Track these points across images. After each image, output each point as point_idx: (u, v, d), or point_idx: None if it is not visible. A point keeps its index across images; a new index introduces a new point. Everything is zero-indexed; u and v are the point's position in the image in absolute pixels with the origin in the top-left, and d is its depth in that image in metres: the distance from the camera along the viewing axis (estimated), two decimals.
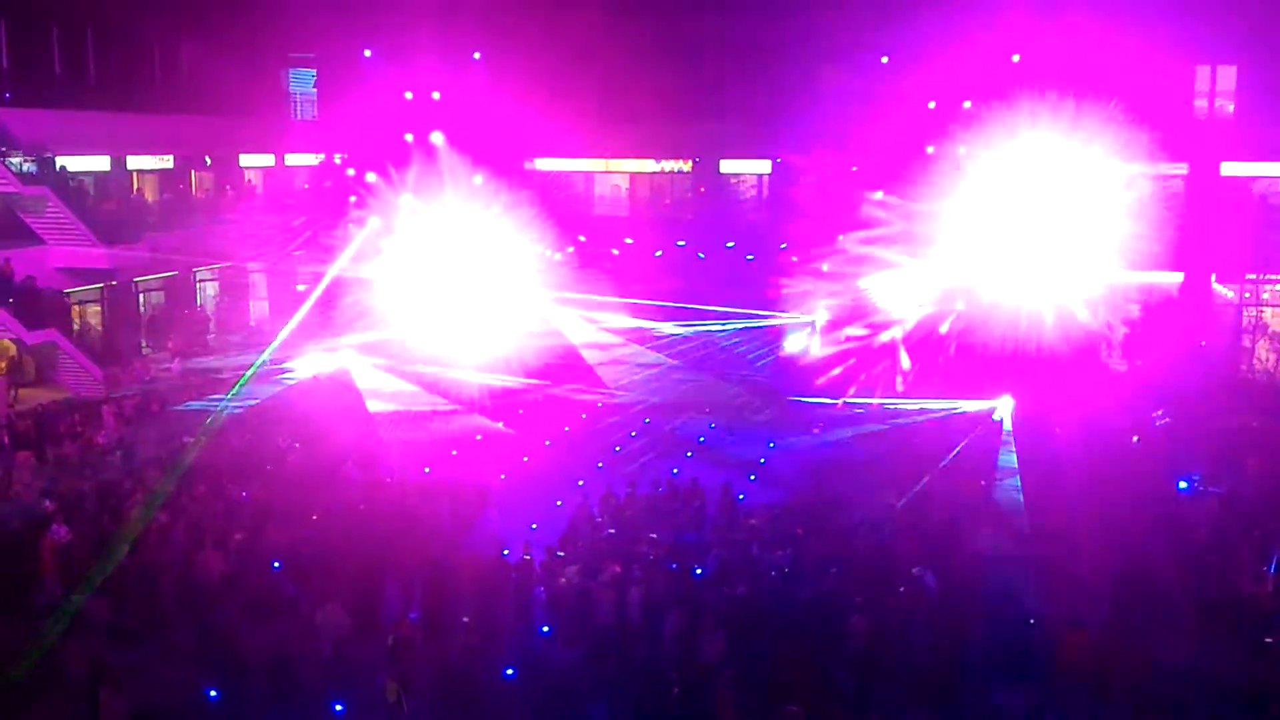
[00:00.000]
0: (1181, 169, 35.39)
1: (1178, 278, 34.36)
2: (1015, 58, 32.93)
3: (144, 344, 33.81)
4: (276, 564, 19.58)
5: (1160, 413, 27.00)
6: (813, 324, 33.39)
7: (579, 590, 18.86)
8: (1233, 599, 18.71)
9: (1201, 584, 19.06)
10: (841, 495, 23.36)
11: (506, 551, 20.09)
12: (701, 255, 35.36)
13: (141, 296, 34.92)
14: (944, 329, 30.55)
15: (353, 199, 33.58)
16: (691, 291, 33.27)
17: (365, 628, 18.03)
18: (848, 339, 31.84)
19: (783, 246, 33.53)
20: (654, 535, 20.92)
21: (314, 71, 40.18)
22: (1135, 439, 26.25)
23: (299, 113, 40.85)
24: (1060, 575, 19.33)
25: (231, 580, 19.18)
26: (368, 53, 35.75)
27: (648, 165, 40.04)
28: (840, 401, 29.42)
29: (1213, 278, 34.65)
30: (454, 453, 26.29)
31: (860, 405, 29.24)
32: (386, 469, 24.76)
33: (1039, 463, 24.28)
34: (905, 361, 30.65)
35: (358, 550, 19.44)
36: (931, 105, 33.26)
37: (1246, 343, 32.48)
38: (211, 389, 29.45)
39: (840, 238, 32.16)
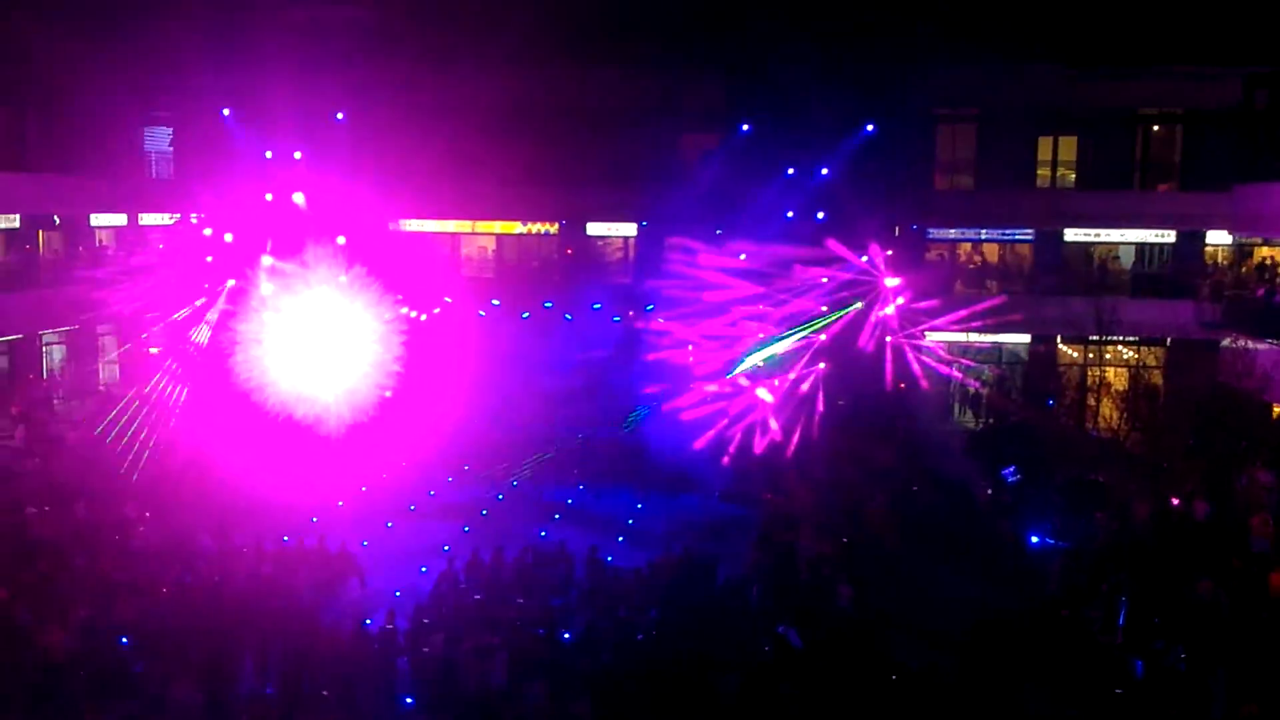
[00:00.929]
0: (1028, 234, 37.13)
1: (1025, 339, 35.85)
2: (870, 127, 34.10)
3: None
4: (124, 640, 18.77)
5: (1012, 469, 27.90)
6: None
7: (444, 659, 18.53)
8: (1084, 650, 19.32)
9: (1054, 636, 19.65)
10: (709, 555, 23.47)
11: (369, 621, 19.64)
12: (569, 317, 35.45)
13: None
14: (807, 389, 31.09)
15: (209, 259, 32.74)
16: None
17: (218, 705, 17.35)
18: (712, 400, 32.10)
19: (649, 308, 33.83)
20: (521, 600, 20.73)
21: (170, 130, 39.26)
22: (989, 493, 27.15)
23: (154, 172, 39.81)
24: (920, 630, 19.72)
25: (77, 658, 18.29)
26: (226, 111, 35.13)
27: (514, 227, 40.10)
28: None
29: (1058, 339, 36.19)
30: (314, 519, 25.65)
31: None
32: (242, 537, 23.98)
33: (898, 520, 24.87)
34: (772, 423, 31.01)
35: (211, 623, 18.77)
36: (790, 172, 34.14)
37: (1091, 401, 33.85)
38: (58, 456, 28.25)
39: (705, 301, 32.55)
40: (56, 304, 33.94)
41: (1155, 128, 37.50)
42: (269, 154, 34.02)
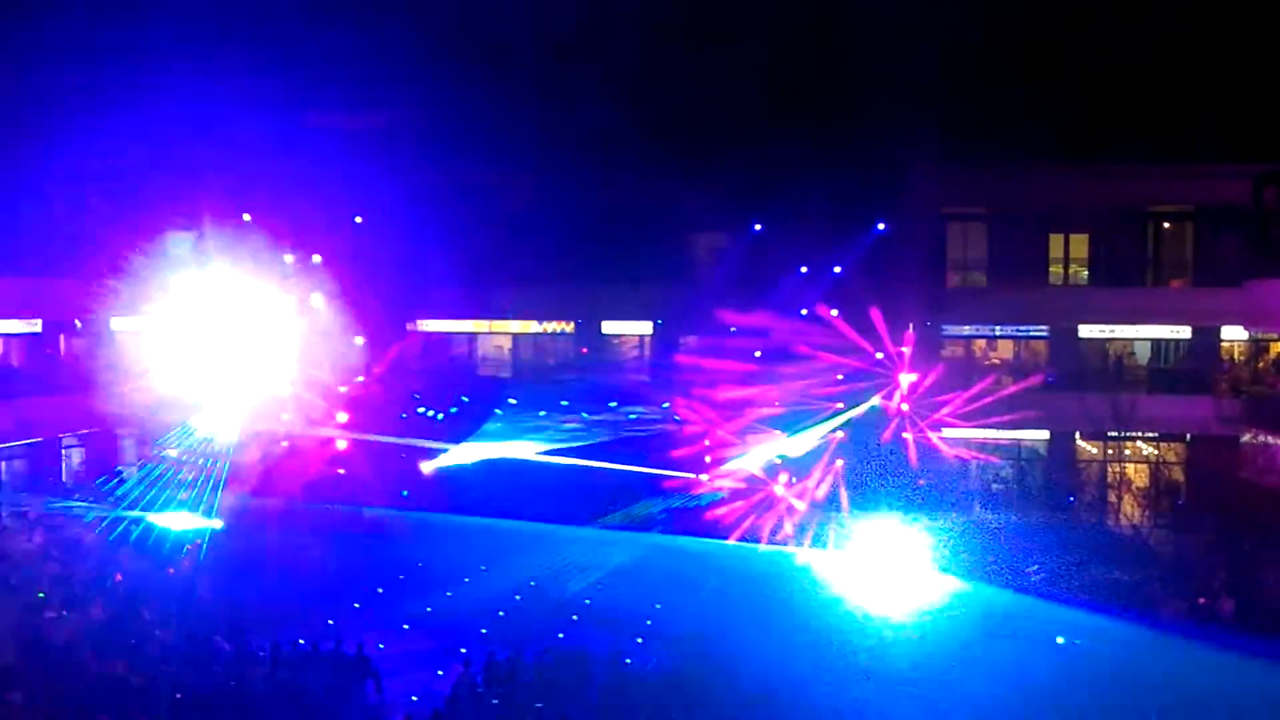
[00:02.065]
0: (1043, 331, 37.23)
1: (1044, 435, 35.71)
2: (881, 226, 34.51)
3: (3, 514, 32.25)
4: None
5: (1035, 567, 27.62)
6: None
7: None
8: None
9: None
10: (730, 654, 23.09)
11: None
12: (585, 415, 35.54)
13: (3, 464, 33.50)
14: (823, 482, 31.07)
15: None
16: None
17: None
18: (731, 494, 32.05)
19: (664, 405, 33.95)
20: (539, 705, 20.43)
21: (192, 234, 39.74)
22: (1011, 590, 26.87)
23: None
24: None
25: None
26: (247, 216, 35.67)
27: (531, 326, 40.44)
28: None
29: (1077, 435, 36.04)
30: (330, 621, 25.41)
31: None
32: (258, 639, 23.74)
33: (920, 618, 24.62)
34: (787, 524, 30.86)
35: None
36: (804, 270, 34.48)
37: (1113, 498, 33.63)
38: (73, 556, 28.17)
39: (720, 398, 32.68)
40: (77, 408, 34.12)
41: (1166, 224, 37.80)
42: (289, 258, 34.49)
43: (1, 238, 33.13)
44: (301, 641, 23.86)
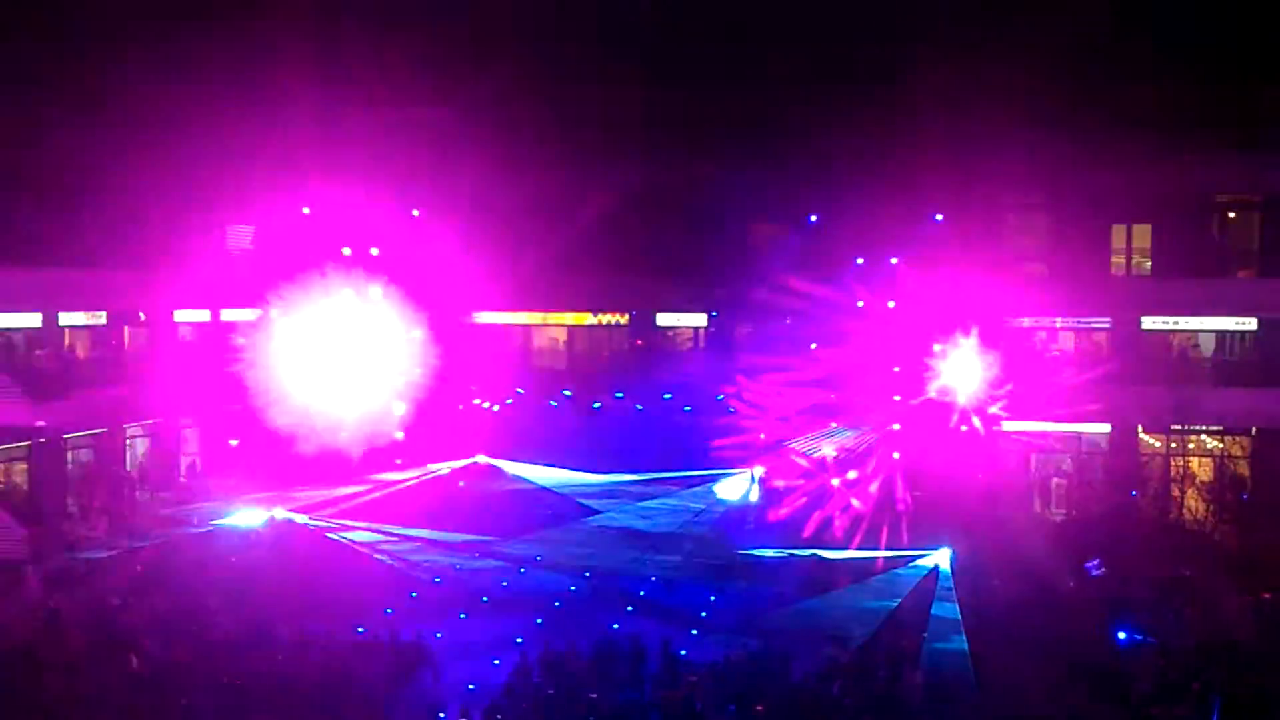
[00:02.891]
0: (1105, 322, 36.55)
1: (1105, 429, 35.10)
2: (939, 217, 34.14)
3: (70, 503, 32.92)
4: None
5: (1096, 562, 27.25)
6: (752, 475, 33.62)
7: None
8: None
9: None
10: (785, 648, 23.08)
11: (443, 715, 19.58)
12: (640, 407, 35.60)
13: (70, 454, 34.14)
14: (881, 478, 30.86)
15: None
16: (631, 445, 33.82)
17: None
18: (787, 488, 31.96)
19: (719, 398, 33.90)
20: (594, 695, 20.51)
21: (252, 227, 40.21)
22: (1071, 585, 26.53)
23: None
24: None
25: None
26: (306, 210, 36.01)
27: (585, 318, 40.54)
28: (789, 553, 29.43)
29: (1139, 429, 35.38)
30: (389, 611, 25.70)
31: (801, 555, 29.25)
32: (317, 629, 24.05)
33: (980, 615, 24.39)
34: (855, 502, 30.73)
35: (285, 716, 18.81)
36: (860, 261, 34.19)
37: (1176, 492, 33.04)
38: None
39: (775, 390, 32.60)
40: (139, 398, 34.65)
41: (1232, 214, 36.96)
42: (347, 250, 34.76)
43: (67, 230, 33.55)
44: (360, 630, 24.19)
